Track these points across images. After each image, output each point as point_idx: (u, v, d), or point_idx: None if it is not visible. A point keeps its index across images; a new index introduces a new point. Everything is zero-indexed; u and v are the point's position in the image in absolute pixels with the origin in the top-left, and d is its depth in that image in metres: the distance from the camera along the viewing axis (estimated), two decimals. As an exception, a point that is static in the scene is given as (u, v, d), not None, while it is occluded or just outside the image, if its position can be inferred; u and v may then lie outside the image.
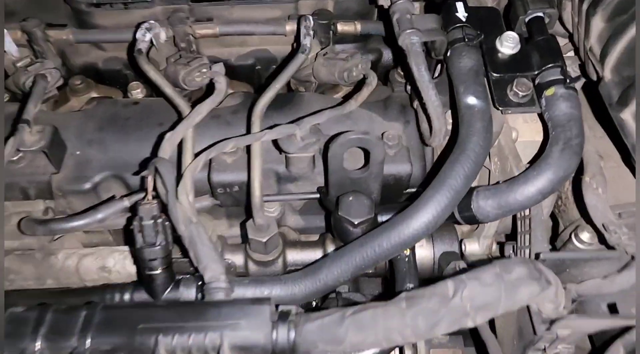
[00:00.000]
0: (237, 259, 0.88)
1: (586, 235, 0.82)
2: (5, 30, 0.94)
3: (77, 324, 0.66)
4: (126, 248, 0.90)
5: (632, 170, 0.85)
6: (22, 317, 0.67)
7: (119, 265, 0.89)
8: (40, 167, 0.87)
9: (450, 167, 0.74)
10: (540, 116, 0.85)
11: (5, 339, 0.65)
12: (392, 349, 0.71)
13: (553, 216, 1.01)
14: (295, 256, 0.89)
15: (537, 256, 0.70)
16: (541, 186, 0.74)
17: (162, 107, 0.95)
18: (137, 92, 1.04)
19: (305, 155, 0.86)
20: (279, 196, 0.92)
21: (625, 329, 0.65)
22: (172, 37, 1.00)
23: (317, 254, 0.88)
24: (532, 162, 0.82)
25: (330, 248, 0.88)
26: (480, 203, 0.77)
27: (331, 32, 0.99)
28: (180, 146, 0.82)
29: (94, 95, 1.05)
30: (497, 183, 0.79)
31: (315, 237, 0.95)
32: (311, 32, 0.92)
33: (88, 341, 0.64)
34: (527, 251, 0.80)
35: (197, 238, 0.73)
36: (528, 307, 0.70)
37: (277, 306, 0.70)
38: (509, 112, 0.82)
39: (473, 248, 0.96)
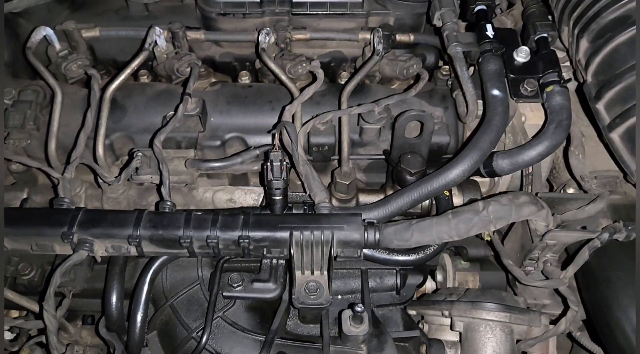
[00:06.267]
0: (324, 197, 1.24)
1: (571, 190, 1.19)
2: (158, 28, 1.31)
3: (239, 222, 1.02)
4: (246, 187, 1.28)
5: (606, 146, 1.21)
6: (201, 218, 1.03)
7: (241, 198, 1.26)
8: (191, 127, 1.23)
9: (480, 135, 1.10)
10: (542, 106, 1.21)
11: (193, 231, 1.01)
12: (444, 246, 1.08)
13: (548, 182, 1.38)
14: (365, 198, 1.26)
15: (536, 194, 1.07)
16: (541, 151, 1.09)
17: (269, 89, 1.33)
18: (245, 78, 1.41)
19: (376, 127, 1.23)
20: (354, 156, 1.28)
21: (590, 240, 1.02)
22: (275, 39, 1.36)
23: (380, 197, 1.25)
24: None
25: (390, 193, 1.24)
26: (499, 161, 1.13)
27: (391, 40, 1.36)
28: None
29: (213, 79, 1.41)
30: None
31: (376, 188, 1.32)
32: (382, 41, 1.29)
33: (249, 233, 1.00)
34: (529, 197, 1.16)
35: (310, 174, 1.10)
36: (529, 227, 1.07)
37: (364, 219, 1.06)
38: (521, 101, 1.19)
39: (490, 200, 1.32)
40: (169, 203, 1.07)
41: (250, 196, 1.27)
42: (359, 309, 1.00)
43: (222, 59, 1.44)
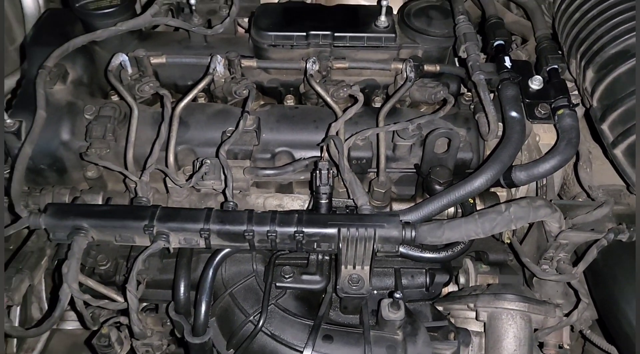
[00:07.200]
0: (362, 205, 1.41)
1: (580, 200, 1.36)
2: (219, 56, 1.51)
3: (294, 219, 1.19)
4: (293, 195, 1.45)
5: (611, 162, 1.37)
6: (261, 215, 1.20)
7: (289, 204, 1.43)
8: (247, 141, 1.42)
9: (500, 150, 1.28)
10: (554, 127, 1.38)
11: (255, 226, 1.17)
12: (471, 243, 1.24)
13: (560, 197, 1.54)
14: (397, 206, 1.43)
15: (550, 201, 1.23)
16: (554, 164, 1.26)
17: (313, 110, 1.52)
18: (290, 101, 1.60)
19: (409, 143, 1.41)
20: (387, 169, 1.46)
21: (597, 240, 1.18)
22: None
23: (411, 205, 1.42)
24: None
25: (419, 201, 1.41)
26: (517, 173, 1.29)
27: (419, 70, 1.55)
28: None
29: (262, 102, 1.60)
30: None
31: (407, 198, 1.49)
32: (413, 70, 1.48)
33: (303, 228, 1.17)
34: (543, 205, 1.33)
35: (353, 180, 1.27)
36: (544, 229, 1.22)
37: (400, 219, 1.23)
38: (535, 122, 1.37)
39: (508, 211, 1.49)
40: (232, 203, 1.25)
41: (297, 202, 1.44)
42: (398, 295, 1.16)
43: (269, 84, 1.63)
